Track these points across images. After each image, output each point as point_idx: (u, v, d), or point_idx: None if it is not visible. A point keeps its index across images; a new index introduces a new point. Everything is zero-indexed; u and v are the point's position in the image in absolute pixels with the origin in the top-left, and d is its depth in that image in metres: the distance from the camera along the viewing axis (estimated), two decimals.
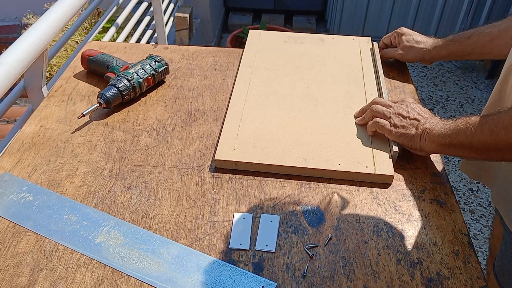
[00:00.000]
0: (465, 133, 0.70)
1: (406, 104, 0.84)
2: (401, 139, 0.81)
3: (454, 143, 0.73)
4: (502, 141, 0.65)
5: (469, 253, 0.69)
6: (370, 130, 0.86)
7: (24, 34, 0.96)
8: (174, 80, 1.06)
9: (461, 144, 0.71)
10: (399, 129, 0.81)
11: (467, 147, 0.71)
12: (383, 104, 0.86)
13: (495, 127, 0.66)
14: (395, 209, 0.76)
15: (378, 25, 2.92)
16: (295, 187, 0.79)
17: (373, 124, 0.85)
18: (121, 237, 0.71)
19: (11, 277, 0.65)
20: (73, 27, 1.36)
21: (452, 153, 0.76)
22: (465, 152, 0.73)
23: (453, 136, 0.73)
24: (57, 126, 0.92)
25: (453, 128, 0.73)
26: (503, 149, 0.66)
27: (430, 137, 0.77)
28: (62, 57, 2.10)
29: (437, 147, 0.77)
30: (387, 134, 0.83)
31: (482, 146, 0.68)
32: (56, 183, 0.80)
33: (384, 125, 0.83)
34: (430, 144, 0.77)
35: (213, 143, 0.88)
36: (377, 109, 0.86)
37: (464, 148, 0.72)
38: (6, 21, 2.80)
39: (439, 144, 0.76)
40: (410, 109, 0.82)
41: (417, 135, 0.79)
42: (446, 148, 0.75)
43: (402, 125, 0.81)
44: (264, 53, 1.12)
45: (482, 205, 2.01)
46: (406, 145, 0.81)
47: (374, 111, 0.86)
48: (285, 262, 0.67)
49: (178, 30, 2.45)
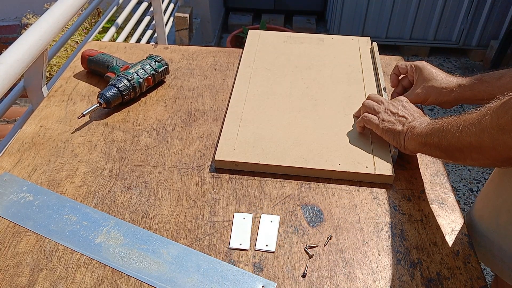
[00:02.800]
0: (438, 133, 0.70)
1: (398, 102, 0.84)
2: (387, 135, 0.81)
3: (428, 142, 0.72)
4: (463, 140, 0.63)
5: (469, 254, 0.69)
6: (358, 126, 0.87)
7: (24, 34, 0.97)
8: (174, 80, 1.06)
9: (433, 143, 0.71)
10: (386, 124, 0.81)
11: (437, 146, 0.70)
12: (375, 99, 0.87)
13: (461, 125, 0.64)
14: (395, 209, 0.76)
15: (378, 25, 2.92)
16: (295, 187, 0.79)
17: (361, 119, 0.85)
18: (121, 237, 0.71)
19: (11, 277, 0.65)
20: (73, 27, 1.36)
21: (427, 152, 0.75)
22: (437, 152, 0.71)
23: (429, 135, 0.72)
24: (57, 126, 0.92)
25: (430, 128, 0.72)
26: (464, 150, 0.64)
27: (412, 135, 0.76)
28: (62, 57, 2.10)
29: (416, 146, 0.76)
30: (374, 129, 0.84)
31: (448, 146, 0.67)
32: (56, 183, 0.80)
33: (371, 120, 0.83)
34: (411, 142, 0.76)
35: (213, 143, 0.88)
36: (368, 104, 0.86)
37: (436, 148, 0.70)
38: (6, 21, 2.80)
39: (418, 142, 0.75)
40: (400, 107, 0.82)
41: (402, 132, 0.78)
42: (423, 147, 0.74)
43: (389, 120, 0.81)
44: (264, 53, 1.12)
45: None
46: (391, 141, 0.81)
47: (365, 106, 0.87)
48: (285, 262, 0.67)
49: (178, 30, 2.45)
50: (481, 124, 0.60)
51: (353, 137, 0.87)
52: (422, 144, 0.74)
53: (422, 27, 2.91)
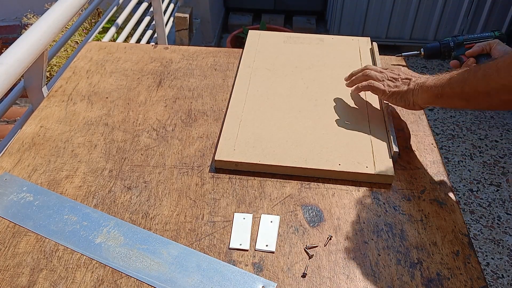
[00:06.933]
0: (458, 80, 0.72)
1: (397, 69, 0.89)
2: (394, 97, 0.85)
3: (447, 92, 0.75)
4: (493, 83, 0.66)
5: (469, 254, 0.69)
6: (356, 91, 0.92)
7: (24, 34, 0.97)
8: (174, 80, 1.06)
9: (454, 93, 0.73)
10: (391, 88, 0.85)
11: (458, 95, 0.73)
12: (376, 69, 0.91)
13: (488, 70, 0.67)
14: (395, 209, 0.76)
15: (378, 25, 2.92)
16: (295, 187, 0.79)
17: (367, 86, 0.89)
18: (121, 237, 0.71)
19: (11, 277, 0.65)
20: (73, 27, 1.36)
21: (444, 103, 0.78)
22: (456, 101, 0.75)
23: (446, 85, 0.75)
24: (57, 126, 0.92)
25: (447, 78, 0.75)
26: (492, 93, 0.67)
27: (423, 88, 0.80)
28: (62, 57, 2.10)
29: (429, 98, 0.79)
30: (381, 94, 0.88)
31: (473, 92, 0.70)
32: (56, 183, 0.80)
33: (378, 87, 0.87)
34: (423, 95, 0.80)
35: (213, 143, 0.88)
36: (370, 73, 0.90)
37: (455, 97, 0.74)
38: (6, 21, 2.80)
39: (433, 94, 0.78)
40: (401, 72, 0.87)
41: (409, 90, 0.82)
42: (439, 99, 0.77)
43: (394, 85, 0.86)
44: (264, 53, 1.12)
45: (482, 206, 2.01)
46: (399, 103, 0.85)
47: (368, 75, 0.90)
48: (285, 262, 0.67)
49: (178, 30, 2.45)
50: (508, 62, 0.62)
51: (353, 137, 0.87)
52: (436, 96, 0.77)
53: (422, 27, 2.91)
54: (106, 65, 1.11)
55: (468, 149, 2.29)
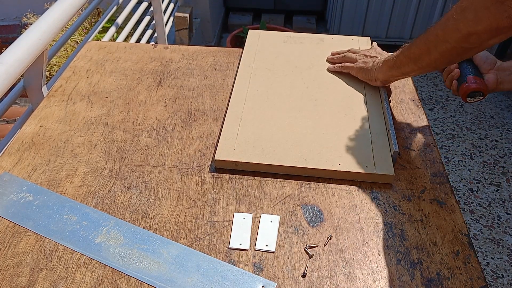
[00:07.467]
0: (408, 46, 0.82)
1: (373, 49, 1.00)
2: (360, 72, 0.98)
3: (400, 59, 0.84)
4: (431, 37, 0.74)
5: (469, 253, 0.69)
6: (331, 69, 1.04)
7: (24, 34, 0.96)
8: (174, 80, 1.06)
9: (405, 58, 0.82)
10: (359, 64, 0.98)
11: (408, 58, 0.81)
12: (355, 52, 1.03)
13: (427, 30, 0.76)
14: (395, 209, 0.76)
15: (378, 25, 2.92)
16: (295, 187, 0.79)
17: (340, 67, 1.02)
18: (121, 237, 0.71)
19: (11, 277, 0.65)
20: (73, 27, 1.36)
21: (399, 72, 0.86)
22: (408, 66, 0.83)
23: (399, 55, 0.84)
24: (57, 126, 0.92)
25: (400, 51, 0.84)
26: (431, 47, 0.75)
27: (380, 63, 0.91)
28: (62, 57, 2.10)
29: (387, 70, 0.89)
30: (350, 70, 1.00)
31: (418, 51, 0.79)
32: (56, 183, 0.80)
33: (348, 66, 1.01)
34: (382, 68, 0.90)
35: (213, 143, 0.88)
36: (347, 55, 1.03)
37: (407, 62, 0.82)
38: (6, 21, 2.80)
39: (388, 66, 0.88)
40: (374, 52, 0.99)
41: (373, 66, 0.94)
42: (394, 70, 0.87)
43: (363, 61, 0.98)
44: (264, 53, 1.12)
45: (482, 205, 2.01)
46: (363, 77, 0.97)
47: (346, 57, 1.03)
48: (285, 262, 0.67)
49: (178, 30, 2.45)
50: (445, 17, 0.71)
51: (353, 137, 0.87)
52: (392, 67, 0.87)
53: (422, 27, 2.91)
54: (106, 64, 1.11)
55: (468, 148, 2.29)
